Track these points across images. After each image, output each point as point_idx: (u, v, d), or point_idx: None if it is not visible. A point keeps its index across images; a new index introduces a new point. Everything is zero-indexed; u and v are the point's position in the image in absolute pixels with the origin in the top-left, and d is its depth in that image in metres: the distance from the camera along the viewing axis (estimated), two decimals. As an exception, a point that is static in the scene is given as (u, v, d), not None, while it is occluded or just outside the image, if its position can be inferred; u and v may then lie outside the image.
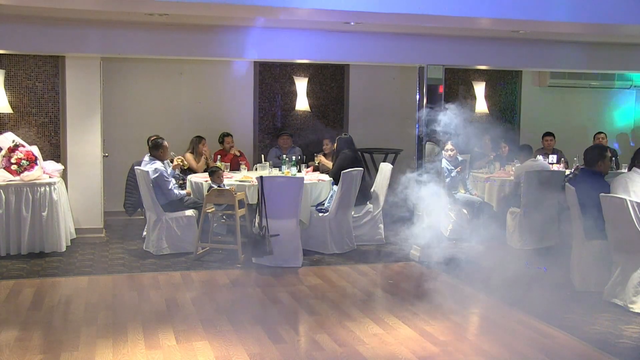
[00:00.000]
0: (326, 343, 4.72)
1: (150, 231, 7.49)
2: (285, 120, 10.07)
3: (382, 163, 8.70)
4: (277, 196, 6.87)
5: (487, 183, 8.79)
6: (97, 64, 7.99)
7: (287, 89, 10.05)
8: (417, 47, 7.23)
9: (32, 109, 8.31)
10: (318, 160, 9.11)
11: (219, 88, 9.80)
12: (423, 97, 7.26)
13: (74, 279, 6.45)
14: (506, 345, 4.72)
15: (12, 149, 7.42)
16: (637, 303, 5.48)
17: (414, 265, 7.23)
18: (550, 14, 4.97)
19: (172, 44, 6.81)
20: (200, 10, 4.90)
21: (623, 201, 5.53)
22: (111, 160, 8.75)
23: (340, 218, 7.60)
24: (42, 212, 7.28)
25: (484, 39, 7.41)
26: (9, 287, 6.08)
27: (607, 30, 5.90)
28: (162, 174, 7.37)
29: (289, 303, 5.71)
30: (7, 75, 8.20)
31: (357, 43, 7.14)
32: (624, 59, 8.04)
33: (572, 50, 7.77)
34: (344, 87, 10.32)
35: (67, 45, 6.70)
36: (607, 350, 4.64)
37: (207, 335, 4.84)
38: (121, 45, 6.73)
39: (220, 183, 7.41)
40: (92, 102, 8.03)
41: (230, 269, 6.88)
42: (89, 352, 4.49)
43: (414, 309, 5.59)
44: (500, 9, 4.88)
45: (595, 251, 6.07)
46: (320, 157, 9.15)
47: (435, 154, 7.41)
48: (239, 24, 6.68)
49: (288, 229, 6.89)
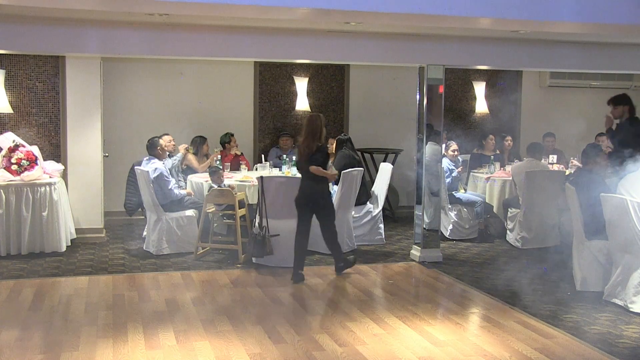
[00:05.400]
0: (326, 343, 4.72)
1: (150, 231, 7.49)
2: (286, 121, 10.07)
3: (382, 163, 8.70)
4: (277, 196, 6.87)
5: (488, 183, 8.79)
6: (97, 64, 8.00)
7: (288, 89, 10.05)
8: (417, 47, 7.23)
9: (33, 109, 8.31)
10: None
11: (219, 88, 9.80)
12: (423, 97, 7.27)
13: (74, 279, 6.45)
14: (506, 345, 4.73)
15: (12, 149, 7.43)
16: (637, 303, 5.48)
17: (414, 265, 7.24)
18: (550, 14, 4.97)
19: (172, 44, 6.80)
20: (200, 10, 4.89)
21: (623, 201, 5.53)
22: (111, 160, 8.74)
23: (340, 218, 7.59)
24: (43, 212, 7.28)
25: (484, 39, 7.41)
26: (9, 287, 6.09)
27: (607, 30, 5.89)
28: (162, 174, 7.38)
29: (289, 303, 5.72)
30: (8, 75, 8.20)
31: (357, 43, 7.13)
32: (624, 59, 8.04)
33: (572, 50, 7.77)
34: (344, 87, 10.32)
35: (67, 45, 6.69)
36: (607, 350, 4.64)
37: (207, 335, 4.84)
38: (121, 45, 6.72)
39: (221, 183, 7.41)
40: (92, 102, 8.03)
41: (230, 269, 6.89)
42: (89, 352, 4.49)
43: (414, 309, 5.59)
44: (500, 9, 4.87)
45: (595, 251, 6.07)
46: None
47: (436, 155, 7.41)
48: (239, 24, 6.67)
49: (288, 229, 6.89)
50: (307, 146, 6.39)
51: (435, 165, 7.45)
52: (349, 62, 9.25)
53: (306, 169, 6.39)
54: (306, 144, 6.39)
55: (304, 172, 6.47)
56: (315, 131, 6.37)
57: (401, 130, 10.00)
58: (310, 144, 6.37)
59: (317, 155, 6.37)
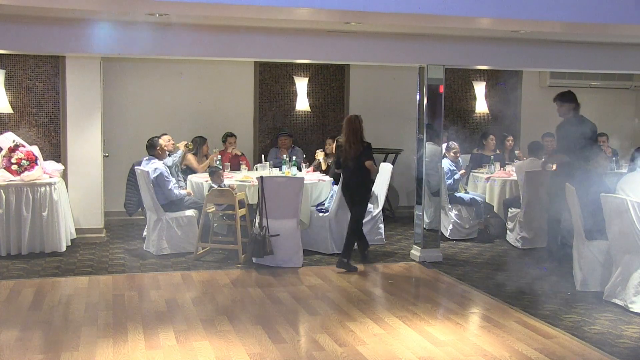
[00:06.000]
0: (326, 343, 4.72)
1: (150, 231, 7.49)
2: (286, 121, 10.07)
3: (382, 163, 8.69)
4: (278, 196, 6.87)
5: (488, 183, 8.79)
6: (97, 64, 8.00)
7: (288, 89, 10.05)
8: (417, 47, 7.23)
9: (33, 109, 8.31)
10: (321, 155, 8.97)
11: (219, 88, 9.80)
12: (423, 97, 7.27)
13: (74, 279, 6.45)
14: (506, 345, 4.73)
15: (12, 149, 7.42)
16: (637, 303, 5.48)
17: (414, 265, 7.24)
18: (550, 14, 4.96)
19: (172, 44, 6.80)
20: (200, 10, 4.89)
21: (623, 201, 5.53)
22: (111, 160, 8.75)
23: (340, 218, 7.60)
24: (43, 212, 7.28)
25: (485, 39, 7.41)
26: (9, 287, 6.09)
27: (607, 30, 5.89)
28: (162, 174, 7.38)
29: (290, 303, 5.72)
30: (8, 75, 8.20)
31: (357, 43, 7.13)
32: (624, 59, 8.04)
33: (572, 50, 7.77)
34: (344, 87, 10.32)
35: (67, 45, 6.69)
36: (607, 350, 4.64)
37: (207, 335, 4.84)
38: (121, 45, 6.72)
39: (221, 183, 7.41)
40: (93, 102, 8.03)
41: (230, 269, 6.89)
42: (90, 352, 4.49)
43: (414, 309, 5.59)
44: (500, 9, 4.87)
45: (595, 251, 6.07)
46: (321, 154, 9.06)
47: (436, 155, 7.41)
48: (239, 24, 6.67)
49: (288, 229, 6.90)
50: (352, 144, 6.81)
51: (435, 166, 7.46)
52: (349, 62, 9.25)
53: (351, 166, 6.86)
54: (352, 142, 6.81)
55: (348, 169, 6.94)
56: (356, 130, 6.83)
57: (401, 130, 10.00)
58: (355, 142, 6.81)
59: (366, 151, 6.84)
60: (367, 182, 7.02)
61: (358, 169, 6.82)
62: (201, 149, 8.82)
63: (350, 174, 6.94)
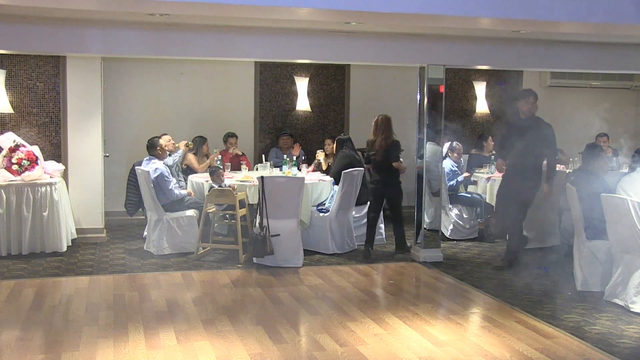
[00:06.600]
0: (327, 343, 4.72)
1: (151, 231, 7.49)
2: (286, 120, 10.07)
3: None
4: (278, 196, 6.87)
5: (488, 183, 8.79)
6: (98, 64, 8.00)
7: (288, 89, 10.05)
8: (418, 47, 7.23)
9: (33, 109, 8.31)
10: (321, 156, 8.98)
11: (219, 88, 9.80)
12: (424, 97, 7.27)
13: (74, 279, 6.45)
14: (507, 345, 4.73)
15: (13, 149, 7.43)
16: (638, 303, 5.47)
17: (414, 265, 7.24)
18: (551, 14, 4.97)
19: (172, 44, 6.80)
20: (200, 10, 4.90)
21: (623, 201, 5.53)
22: (112, 160, 8.75)
23: (341, 218, 7.61)
24: (43, 212, 7.28)
25: (485, 39, 7.40)
26: (10, 287, 6.09)
27: (607, 30, 5.89)
28: (163, 174, 7.38)
29: (290, 303, 5.72)
30: (8, 75, 8.20)
31: (357, 43, 7.13)
32: (624, 59, 8.03)
33: (572, 50, 7.77)
34: (344, 87, 10.32)
35: (67, 45, 6.69)
36: (608, 350, 4.64)
37: (207, 335, 4.84)
38: (121, 45, 6.72)
39: (221, 183, 7.41)
40: (93, 102, 8.03)
41: (231, 269, 6.89)
42: (90, 352, 4.49)
43: (415, 309, 5.59)
44: (500, 9, 4.88)
45: (596, 251, 6.07)
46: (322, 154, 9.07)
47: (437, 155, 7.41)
48: (239, 24, 6.67)
49: (289, 229, 6.90)
50: (383, 142, 7.27)
51: (435, 166, 7.46)
52: (349, 62, 9.25)
53: (383, 164, 7.34)
54: (383, 141, 7.28)
55: (379, 168, 7.42)
56: (385, 130, 7.31)
57: (401, 130, 9.99)
58: (386, 141, 7.28)
59: (394, 150, 7.29)
60: (396, 179, 7.49)
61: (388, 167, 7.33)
62: (201, 148, 8.82)
63: (381, 172, 7.41)
